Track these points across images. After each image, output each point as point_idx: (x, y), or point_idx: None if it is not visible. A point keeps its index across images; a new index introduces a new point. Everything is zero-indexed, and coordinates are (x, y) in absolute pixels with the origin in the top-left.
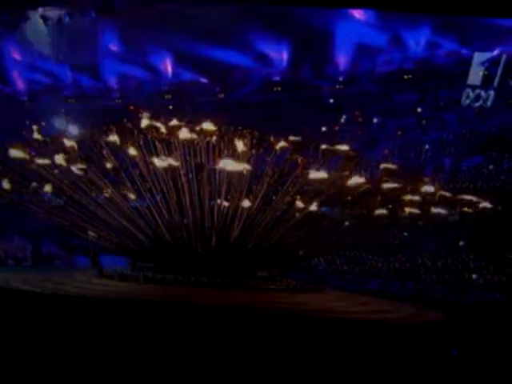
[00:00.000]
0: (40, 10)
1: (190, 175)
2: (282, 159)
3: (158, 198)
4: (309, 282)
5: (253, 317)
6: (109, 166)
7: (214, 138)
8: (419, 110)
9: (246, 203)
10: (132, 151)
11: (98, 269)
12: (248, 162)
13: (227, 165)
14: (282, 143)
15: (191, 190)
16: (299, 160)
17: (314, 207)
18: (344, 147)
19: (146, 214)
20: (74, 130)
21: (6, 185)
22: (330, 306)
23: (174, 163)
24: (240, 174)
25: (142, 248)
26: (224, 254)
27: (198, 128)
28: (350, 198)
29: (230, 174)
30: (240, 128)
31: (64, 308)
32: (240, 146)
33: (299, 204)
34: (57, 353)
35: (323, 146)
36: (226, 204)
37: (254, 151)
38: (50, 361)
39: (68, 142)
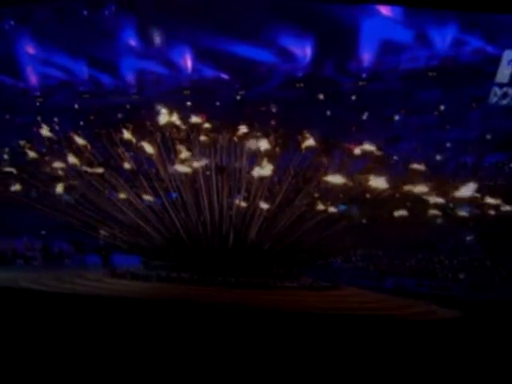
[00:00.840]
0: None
1: (208, 172)
2: (303, 158)
3: (174, 196)
4: (324, 280)
5: (267, 315)
6: (125, 166)
7: (237, 136)
8: (442, 107)
9: (265, 205)
10: (149, 149)
11: (110, 268)
12: (273, 163)
13: (257, 171)
14: (308, 142)
15: (210, 189)
16: (325, 161)
17: (333, 209)
18: (372, 148)
19: (161, 212)
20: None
21: (16, 186)
22: (345, 303)
23: (196, 165)
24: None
25: (156, 246)
26: (241, 252)
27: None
28: (368, 196)
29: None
30: (261, 126)
31: (76, 307)
32: (264, 144)
33: (319, 206)
34: (69, 352)
35: (351, 147)
36: (244, 205)
37: (278, 150)
38: (62, 360)
39: (81, 141)
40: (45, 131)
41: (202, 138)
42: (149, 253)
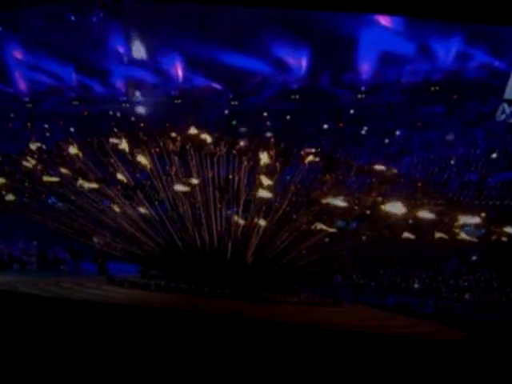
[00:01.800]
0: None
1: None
2: (303, 172)
3: (168, 206)
4: (325, 296)
5: (267, 329)
6: (119, 177)
7: (236, 149)
8: (445, 123)
9: (264, 222)
10: (143, 161)
11: (108, 275)
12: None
13: (260, 193)
14: (311, 158)
15: (208, 201)
16: (328, 179)
17: (333, 229)
18: (381, 167)
19: (157, 221)
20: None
21: (10, 196)
22: (347, 320)
23: (194, 182)
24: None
25: (153, 256)
26: (240, 265)
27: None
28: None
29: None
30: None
31: (73, 313)
32: (264, 158)
33: (319, 225)
34: (66, 358)
35: (358, 165)
36: (242, 222)
37: (278, 165)
38: (58, 365)
39: (73, 150)
40: (35, 143)
41: (199, 150)
42: (145, 261)
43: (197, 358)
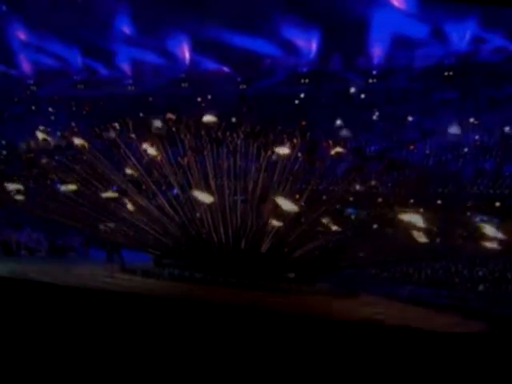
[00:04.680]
0: None
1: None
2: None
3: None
4: (337, 285)
5: (283, 319)
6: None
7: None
8: (459, 109)
9: (277, 222)
10: (152, 151)
11: (121, 263)
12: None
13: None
14: (338, 149)
15: (222, 190)
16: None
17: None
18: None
19: (169, 210)
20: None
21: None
22: (363, 311)
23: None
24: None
25: (164, 245)
26: (255, 255)
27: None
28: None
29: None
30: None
31: (85, 301)
32: (284, 148)
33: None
34: (78, 346)
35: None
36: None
37: (300, 155)
38: (69, 354)
39: (78, 140)
40: (41, 134)
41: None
42: (157, 250)
43: (211, 349)
